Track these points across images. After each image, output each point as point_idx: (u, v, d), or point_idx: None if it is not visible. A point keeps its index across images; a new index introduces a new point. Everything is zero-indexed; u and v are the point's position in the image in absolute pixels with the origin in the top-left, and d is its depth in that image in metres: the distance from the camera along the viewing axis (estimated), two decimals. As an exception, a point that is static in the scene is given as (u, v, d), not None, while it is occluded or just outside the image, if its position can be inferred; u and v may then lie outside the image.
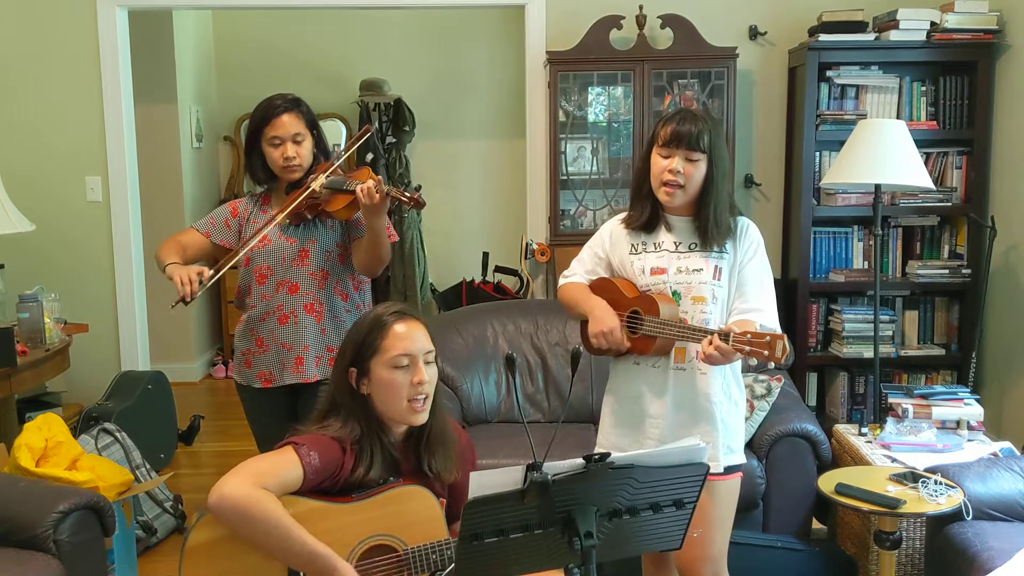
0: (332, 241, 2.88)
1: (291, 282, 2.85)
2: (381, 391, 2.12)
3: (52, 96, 4.78)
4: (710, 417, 2.50)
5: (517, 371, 3.89)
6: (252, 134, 2.86)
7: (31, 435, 3.26)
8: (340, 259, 2.90)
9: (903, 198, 4.43)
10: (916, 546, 3.18)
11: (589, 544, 1.69)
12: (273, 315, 2.86)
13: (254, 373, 2.92)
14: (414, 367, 2.12)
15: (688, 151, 2.42)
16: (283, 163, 2.82)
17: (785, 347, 2.20)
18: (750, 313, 2.46)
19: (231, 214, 2.95)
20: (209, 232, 2.93)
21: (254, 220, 2.90)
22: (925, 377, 4.54)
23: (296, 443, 2.03)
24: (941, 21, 4.34)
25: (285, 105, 2.82)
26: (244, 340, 2.94)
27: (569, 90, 4.70)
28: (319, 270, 2.86)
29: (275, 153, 2.82)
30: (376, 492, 2.08)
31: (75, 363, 4.44)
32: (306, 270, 2.85)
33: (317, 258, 2.86)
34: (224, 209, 2.99)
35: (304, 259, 2.85)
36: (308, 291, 2.85)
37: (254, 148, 2.87)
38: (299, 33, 6.66)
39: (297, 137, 2.83)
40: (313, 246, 2.86)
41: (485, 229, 6.59)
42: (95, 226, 4.84)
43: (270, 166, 2.87)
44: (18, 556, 2.63)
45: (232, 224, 2.94)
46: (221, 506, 1.91)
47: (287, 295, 2.85)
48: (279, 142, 2.81)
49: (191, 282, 2.68)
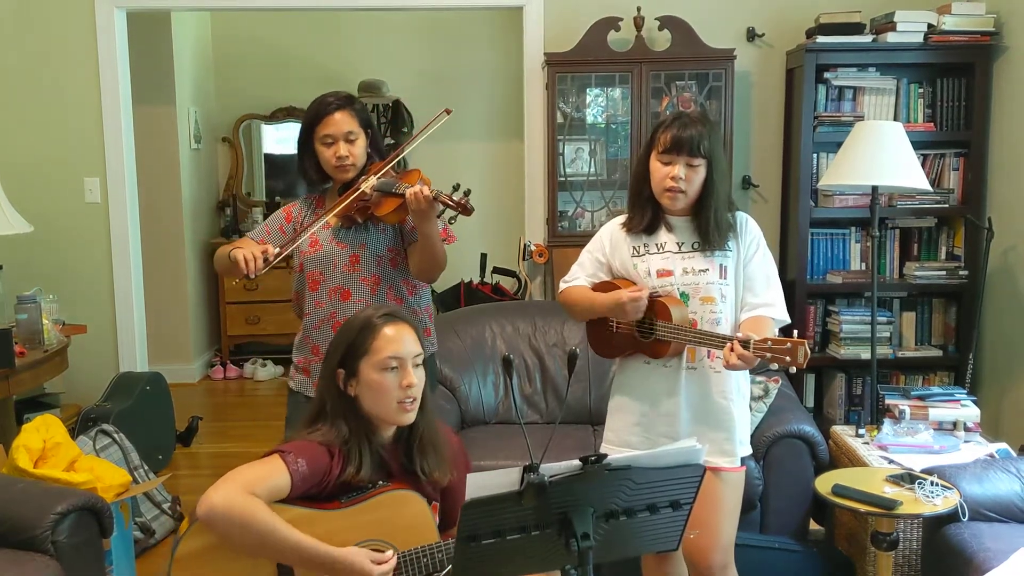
0: (384, 246, 2.77)
1: (343, 288, 2.75)
2: (370, 393, 2.12)
3: (50, 97, 4.78)
4: (727, 414, 2.53)
5: (515, 372, 3.90)
6: (304, 134, 2.76)
7: (29, 436, 3.26)
8: (392, 264, 2.78)
9: (900, 199, 4.43)
10: (913, 547, 3.19)
11: (586, 545, 1.70)
12: (327, 323, 2.76)
13: (311, 381, 2.78)
14: (403, 370, 2.12)
15: (689, 157, 2.44)
16: (336, 162, 2.72)
17: (807, 352, 2.23)
18: (761, 309, 2.50)
19: (285, 219, 2.85)
20: (264, 240, 2.80)
21: (308, 223, 2.80)
22: (922, 378, 4.54)
23: (283, 451, 2.03)
24: (938, 23, 4.35)
25: (338, 103, 2.72)
26: (301, 350, 2.85)
27: (567, 91, 4.71)
28: (371, 275, 2.75)
29: (327, 152, 2.72)
30: (365, 497, 2.08)
31: (73, 364, 4.45)
32: (358, 276, 2.75)
33: (369, 263, 2.75)
34: (278, 215, 2.88)
35: (355, 264, 2.75)
36: (361, 298, 2.75)
37: (306, 148, 2.77)
38: (297, 34, 6.66)
39: (350, 136, 2.71)
40: (364, 251, 2.75)
41: (483, 230, 6.58)
42: (93, 227, 4.84)
43: (323, 166, 2.76)
44: (16, 557, 2.63)
45: (287, 229, 2.83)
46: (212, 515, 1.91)
47: (340, 302, 2.75)
48: (331, 141, 2.71)
49: (255, 259, 2.57)
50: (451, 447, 2.28)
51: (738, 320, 2.53)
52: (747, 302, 2.53)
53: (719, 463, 2.51)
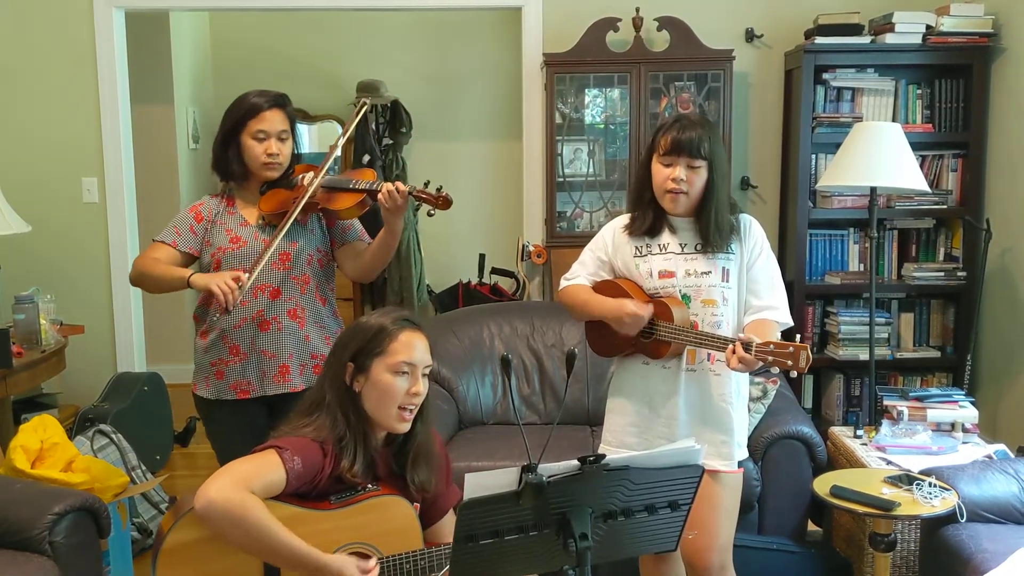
0: (314, 245, 2.78)
1: (272, 286, 2.71)
2: (375, 392, 2.12)
3: (49, 97, 4.77)
4: (726, 416, 2.53)
5: (513, 373, 3.90)
6: (232, 126, 2.73)
7: (27, 436, 3.26)
8: (320, 264, 2.79)
9: (899, 200, 4.44)
10: (911, 548, 3.19)
11: (584, 546, 1.70)
12: (252, 322, 2.70)
13: (227, 384, 2.74)
14: (413, 377, 2.14)
15: (690, 159, 2.45)
16: (265, 159, 2.70)
17: (809, 357, 2.23)
18: (764, 311, 2.51)
19: (195, 219, 2.79)
20: (176, 242, 2.77)
21: (220, 221, 2.77)
22: (920, 379, 4.54)
23: (279, 447, 2.03)
24: (937, 24, 4.35)
25: (274, 100, 2.73)
26: (215, 350, 2.74)
27: (566, 92, 4.71)
28: (302, 274, 2.74)
29: (258, 148, 2.70)
30: (355, 500, 2.08)
31: (71, 364, 4.44)
32: (288, 274, 2.72)
33: (300, 261, 2.74)
34: (186, 215, 2.82)
35: (285, 262, 2.72)
36: (291, 296, 2.72)
37: (231, 141, 2.74)
38: (296, 35, 6.66)
39: (282, 135, 2.72)
40: (295, 248, 2.73)
41: (481, 231, 6.59)
42: (91, 227, 4.83)
43: (247, 162, 2.73)
44: (13, 558, 2.62)
45: (198, 229, 2.78)
46: (209, 510, 1.91)
47: (268, 300, 2.70)
48: (264, 136, 2.70)
49: (231, 290, 2.53)
50: (439, 456, 2.29)
51: (741, 323, 2.53)
52: (750, 305, 2.54)
53: (715, 466, 2.51)
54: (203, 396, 2.81)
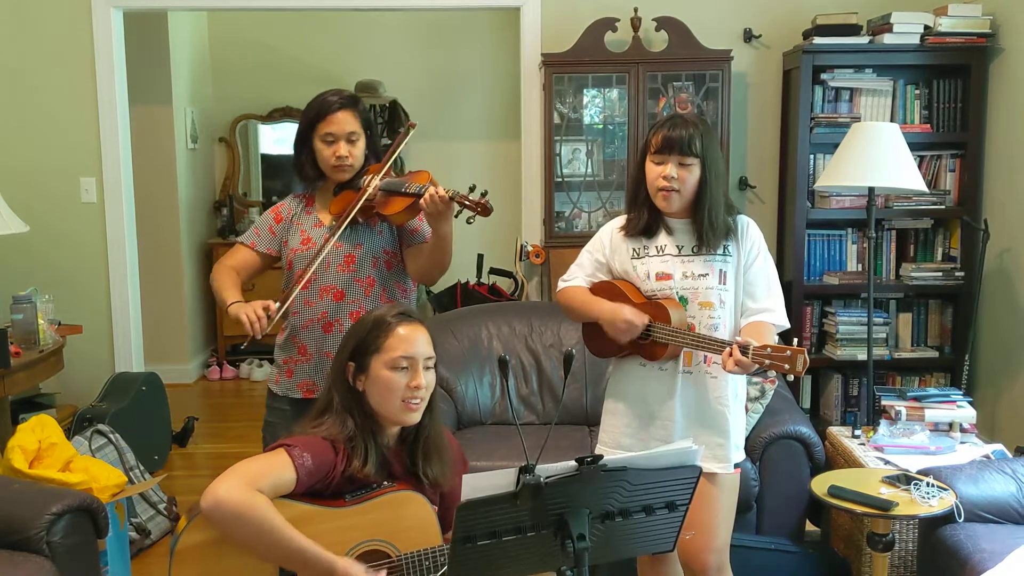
0: (380, 247, 2.75)
1: (336, 288, 2.71)
2: (377, 389, 2.11)
3: (47, 97, 4.77)
4: (722, 419, 2.53)
5: (511, 373, 3.90)
6: (305, 129, 2.72)
7: (24, 436, 3.26)
8: (387, 266, 2.76)
9: (897, 201, 4.44)
10: (909, 548, 3.19)
11: (582, 546, 1.70)
12: (317, 323, 2.71)
13: (295, 383, 2.77)
14: (413, 371, 2.12)
15: (681, 156, 2.45)
16: (335, 162, 2.69)
17: (806, 361, 2.23)
18: (761, 314, 2.51)
19: (275, 220, 2.82)
20: (255, 243, 2.80)
21: (298, 221, 2.78)
22: (918, 379, 4.55)
23: (289, 445, 2.02)
24: (935, 24, 4.36)
25: (342, 102, 2.69)
26: (286, 348, 2.79)
27: (564, 92, 4.71)
28: (366, 276, 2.72)
29: (327, 151, 2.69)
30: (370, 496, 2.06)
31: (69, 364, 4.44)
32: (352, 276, 2.71)
33: (364, 264, 2.72)
34: (267, 216, 2.84)
35: (350, 265, 2.71)
36: (355, 299, 2.71)
37: (305, 144, 2.73)
38: (294, 35, 6.66)
39: (352, 136, 2.69)
40: (360, 251, 2.72)
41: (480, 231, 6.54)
42: (90, 227, 4.83)
43: (319, 164, 2.73)
44: (11, 558, 2.62)
45: (277, 230, 2.80)
46: (216, 510, 1.90)
47: (332, 302, 2.71)
48: (332, 139, 2.68)
49: (259, 319, 2.54)
50: (453, 451, 2.27)
51: (738, 325, 2.53)
52: (747, 307, 2.53)
53: (712, 468, 2.51)
54: (274, 390, 2.85)
